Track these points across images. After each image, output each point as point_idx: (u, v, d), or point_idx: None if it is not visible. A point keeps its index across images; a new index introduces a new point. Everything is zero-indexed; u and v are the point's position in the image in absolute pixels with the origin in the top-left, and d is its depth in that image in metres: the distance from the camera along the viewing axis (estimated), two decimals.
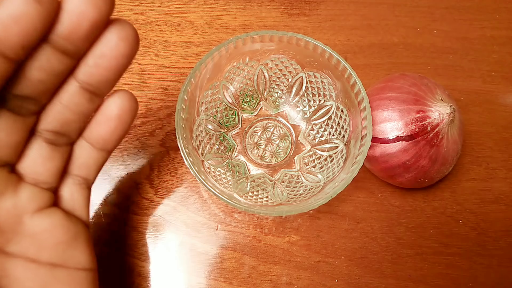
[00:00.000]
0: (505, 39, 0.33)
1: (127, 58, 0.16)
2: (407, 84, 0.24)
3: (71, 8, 0.14)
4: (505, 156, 0.29)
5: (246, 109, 0.28)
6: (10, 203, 0.17)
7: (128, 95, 0.18)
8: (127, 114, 0.18)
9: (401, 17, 0.33)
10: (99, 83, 0.16)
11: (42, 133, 0.17)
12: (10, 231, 0.17)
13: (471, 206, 0.27)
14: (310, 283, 0.25)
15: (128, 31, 0.16)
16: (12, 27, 0.13)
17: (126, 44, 0.16)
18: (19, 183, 0.17)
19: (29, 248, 0.17)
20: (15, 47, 0.14)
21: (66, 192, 0.19)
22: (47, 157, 0.18)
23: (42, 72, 0.15)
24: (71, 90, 0.17)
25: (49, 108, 0.17)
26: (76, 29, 0.14)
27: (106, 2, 0.15)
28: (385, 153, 0.24)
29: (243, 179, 0.26)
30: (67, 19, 0.14)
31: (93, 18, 0.14)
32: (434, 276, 0.25)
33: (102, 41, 0.15)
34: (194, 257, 0.26)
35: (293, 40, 0.24)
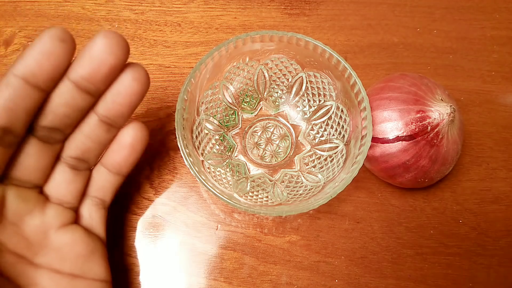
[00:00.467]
0: (505, 39, 0.33)
1: (139, 96, 0.19)
2: (407, 84, 0.24)
3: (93, 55, 0.17)
4: (505, 156, 0.29)
5: (246, 109, 0.28)
6: (38, 220, 0.19)
7: (140, 126, 0.21)
8: (139, 143, 0.21)
9: (401, 17, 0.33)
10: (115, 117, 0.19)
11: (66, 159, 0.20)
12: (38, 244, 0.19)
13: (471, 206, 0.27)
14: (310, 283, 0.25)
15: (141, 73, 0.19)
16: (43, 62, 0.16)
17: (139, 84, 0.18)
18: (46, 203, 0.20)
19: (54, 260, 0.19)
20: (45, 79, 0.17)
21: (85, 211, 0.22)
22: (70, 181, 0.20)
23: (67, 108, 0.18)
24: (91, 123, 0.19)
25: (72, 138, 0.20)
26: (97, 73, 0.17)
27: (123, 51, 0.17)
28: (385, 153, 0.24)
29: (243, 179, 0.26)
30: (89, 64, 0.17)
31: (111, 64, 0.17)
32: (434, 276, 0.25)
33: (118, 81, 0.18)
34: (194, 257, 0.26)
35: (293, 40, 0.24)
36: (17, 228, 0.19)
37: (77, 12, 0.32)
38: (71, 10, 0.32)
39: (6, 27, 0.32)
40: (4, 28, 0.32)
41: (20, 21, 0.32)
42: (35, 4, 0.32)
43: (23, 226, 0.19)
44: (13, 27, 0.32)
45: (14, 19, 0.32)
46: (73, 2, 0.33)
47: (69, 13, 0.32)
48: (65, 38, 0.16)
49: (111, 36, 0.17)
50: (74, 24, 0.32)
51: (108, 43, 0.17)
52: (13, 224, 0.18)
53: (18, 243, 0.19)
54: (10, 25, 0.32)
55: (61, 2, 0.33)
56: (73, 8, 0.32)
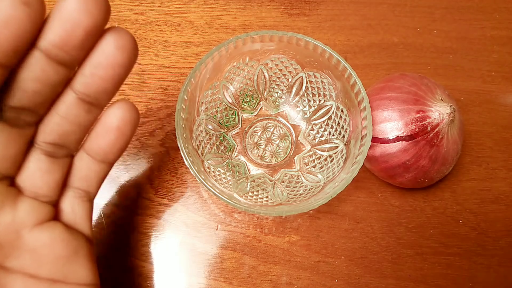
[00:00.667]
0: (505, 39, 0.33)
1: (124, 68, 0.16)
2: (407, 84, 0.24)
3: (64, 16, 0.14)
4: (505, 156, 0.29)
5: (246, 109, 0.28)
6: (8, 218, 0.16)
7: (129, 105, 0.18)
8: (128, 125, 0.18)
9: (401, 17, 0.33)
10: (96, 94, 0.16)
11: (40, 145, 0.17)
12: (9, 246, 0.16)
13: (471, 206, 0.27)
14: (310, 283, 0.25)
15: (126, 39, 0.15)
16: (2, 31, 0.13)
17: (123, 53, 0.15)
18: (18, 196, 0.17)
19: (28, 263, 0.17)
20: (6, 52, 0.13)
21: (66, 205, 0.19)
22: (46, 170, 0.17)
23: (37, 83, 0.15)
24: (68, 101, 0.16)
25: (46, 120, 0.17)
26: (70, 38, 0.14)
27: (101, 10, 0.14)
28: (385, 153, 0.24)
29: (243, 179, 0.26)
30: (60, 27, 0.14)
31: (87, 26, 0.14)
32: (434, 276, 0.25)
33: (98, 50, 0.15)
34: (194, 257, 0.26)
35: (293, 40, 0.24)
36: None
37: None
38: None
39: None
40: None
41: None
42: None
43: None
44: None
45: None
46: None
47: None
48: (29, 0, 0.13)
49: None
50: None
51: (82, 0, 0.14)
52: None
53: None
54: None
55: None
56: None
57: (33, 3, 0.13)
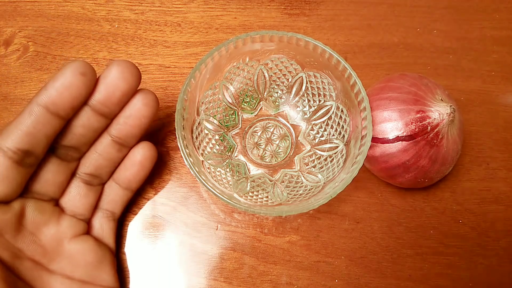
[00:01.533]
0: (505, 39, 0.33)
1: (148, 118, 0.21)
2: (407, 84, 0.24)
3: (108, 81, 0.19)
4: (505, 156, 0.29)
5: (246, 109, 0.28)
6: (54, 230, 0.21)
7: (149, 145, 0.23)
8: (148, 160, 0.23)
9: (401, 17, 0.33)
10: (126, 137, 0.21)
11: (81, 175, 0.22)
12: (53, 252, 0.21)
13: (471, 206, 0.27)
14: (310, 283, 0.25)
15: (150, 98, 0.21)
16: (64, 93, 0.18)
17: (148, 108, 0.21)
18: (61, 214, 0.22)
19: (66, 267, 0.21)
20: (66, 109, 0.19)
21: (96, 222, 0.23)
22: (83, 195, 0.22)
23: (83, 129, 0.20)
24: (105, 142, 0.22)
25: (87, 156, 0.22)
26: (110, 97, 0.19)
27: (135, 78, 0.20)
28: (385, 153, 0.24)
29: (243, 179, 0.26)
30: (104, 89, 0.19)
31: (124, 89, 0.20)
32: (434, 276, 0.26)
33: (130, 105, 0.21)
34: (194, 257, 0.26)
35: (293, 40, 0.24)
36: (35, 237, 0.20)
37: (77, 12, 0.32)
38: (71, 10, 0.32)
39: (6, 27, 0.32)
40: (4, 28, 0.32)
41: (20, 21, 0.32)
42: (35, 4, 0.32)
43: (40, 235, 0.21)
44: (13, 27, 0.32)
45: (14, 19, 0.32)
46: (73, 2, 0.33)
47: (69, 13, 0.32)
48: (85, 72, 0.18)
49: (124, 65, 0.19)
50: (74, 24, 0.32)
51: (121, 71, 0.19)
52: (32, 233, 0.20)
53: (35, 251, 0.20)
54: (10, 25, 0.32)
55: (61, 2, 0.33)
56: (73, 8, 0.32)
57: (88, 73, 0.18)
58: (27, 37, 0.31)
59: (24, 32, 0.31)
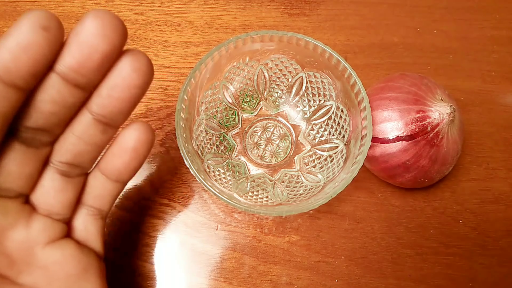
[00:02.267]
0: (505, 39, 0.33)
1: (140, 89, 0.16)
2: (407, 84, 0.24)
3: (81, 40, 0.14)
4: (505, 156, 0.29)
5: (246, 109, 0.28)
6: (22, 235, 0.17)
7: (145, 127, 0.18)
8: (143, 146, 0.18)
9: (401, 17, 0.33)
10: (112, 114, 0.16)
11: (55, 164, 0.17)
12: (22, 262, 0.17)
13: (471, 206, 0.27)
14: (310, 283, 0.25)
15: (142, 61, 0.15)
16: (21, 56, 0.13)
17: (140, 75, 0.15)
18: (31, 214, 0.17)
19: (40, 280, 0.17)
20: (24, 76, 0.14)
21: (79, 222, 0.19)
22: (59, 189, 0.17)
23: (53, 104, 0.15)
24: (84, 122, 0.16)
25: (62, 140, 0.17)
26: (87, 62, 0.14)
27: (118, 34, 0.14)
28: (385, 153, 0.24)
29: (243, 179, 0.26)
30: (77, 51, 0.14)
31: (105, 50, 0.14)
32: (434, 276, 0.25)
33: (114, 72, 0.15)
34: (194, 257, 0.26)
35: (293, 40, 0.24)
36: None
37: (77, 12, 0.32)
38: (71, 10, 0.32)
39: (6, 27, 0.32)
40: (4, 28, 0.32)
41: None
42: (35, 4, 0.32)
43: (4, 241, 0.16)
44: None
45: (14, 19, 0.32)
46: (73, 2, 0.33)
47: (69, 13, 0.32)
48: (48, 25, 0.13)
49: (103, 16, 0.14)
50: (74, 24, 0.32)
51: (100, 25, 0.14)
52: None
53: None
54: (10, 25, 0.32)
55: (61, 2, 0.33)
56: (73, 8, 0.32)
57: (52, 28, 0.13)
58: None
59: None
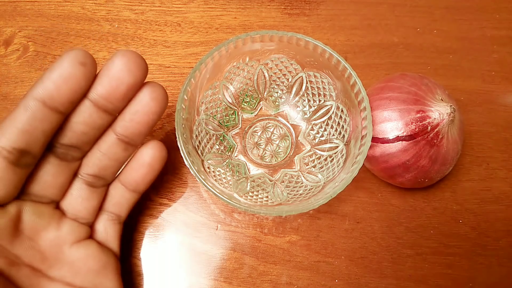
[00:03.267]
0: (505, 39, 0.33)
1: (157, 114, 0.19)
2: (407, 84, 0.24)
3: (111, 74, 0.17)
4: (505, 156, 0.29)
5: (246, 109, 0.28)
6: (53, 235, 0.20)
7: (159, 145, 0.21)
8: (157, 162, 0.21)
9: (401, 17, 0.33)
10: (133, 135, 0.20)
11: (83, 176, 0.20)
12: (52, 258, 0.20)
13: (471, 206, 0.27)
14: (310, 283, 0.25)
15: (159, 92, 0.19)
16: (62, 86, 0.16)
17: (156, 103, 0.19)
18: (61, 218, 0.20)
19: (67, 274, 0.20)
20: (64, 102, 0.17)
21: (100, 226, 0.22)
22: (86, 197, 0.21)
23: (85, 126, 0.18)
24: (109, 141, 0.20)
25: (89, 155, 0.20)
26: (114, 92, 0.17)
27: (141, 70, 0.18)
28: (385, 153, 0.24)
29: (243, 179, 0.26)
30: (107, 83, 0.17)
31: (129, 83, 0.17)
32: (434, 276, 0.25)
33: (136, 100, 0.19)
34: (194, 257, 0.26)
35: (293, 40, 0.24)
36: (33, 242, 0.19)
37: (77, 12, 0.32)
38: (71, 10, 0.32)
39: (6, 27, 0.32)
40: (4, 28, 0.32)
41: (20, 21, 0.32)
42: (35, 4, 0.32)
43: (39, 240, 0.19)
44: (13, 27, 0.32)
45: (14, 19, 0.32)
46: (73, 2, 0.33)
47: (69, 13, 0.32)
48: (85, 61, 0.17)
49: (129, 56, 0.17)
50: (74, 24, 0.32)
51: (126, 62, 0.17)
52: (29, 239, 0.19)
53: (34, 257, 0.19)
54: (10, 25, 0.32)
55: (61, 2, 0.33)
56: (73, 8, 0.32)
57: (88, 64, 0.17)
58: (27, 37, 0.31)
59: (24, 32, 0.31)
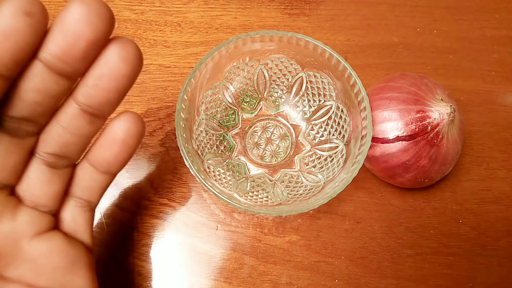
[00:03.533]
0: (505, 39, 0.33)
1: (128, 79, 0.15)
2: (407, 84, 0.24)
3: (66, 27, 0.13)
4: (505, 156, 0.29)
5: (246, 109, 0.28)
6: (8, 228, 0.16)
7: (134, 117, 0.17)
8: (133, 137, 0.17)
9: (401, 17, 0.33)
10: (99, 105, 0.16)
11: (41, 155, 0.17)
12: (8, 255, 0.16)
13: (471, 206, 0.27)
14: (310, 283, 0.25)
15: (130, 50, 0.15)
16: (3, 43, 0.13)
17: (128, 64, 0.15)
18: (17, 206, 0.17)
19: (27, 273, 0.17)
20: (7, 64, 0.13)
21: (67, 214, 0.19)
22: (46, 180, 0.17)
23: (37, 94, 0.15)
24: (70, 112, 0.16)
25: (48, 130, 0.16)
26: (72, 50, 0.14)
27: (105, 21, 0.14)
28: (385, 153, 0.24)
29: (243, 179, 0.26)
30: (62, 39, 0.13)
31: (90, 38, 0.13)
32: (434, 276, 0.25)
33: (101, 60, 0.15)
34: (194, 257, 0.26)
35: (293, 40, 0.24)
36: None
37: None
38: None
39: None
40: None
41: None
42: None
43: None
44: None
45: None
46: None
47: None
48: (31, 11, 0.13)
49: (89, 2, 0.13)
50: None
51: (85, 11, 0.13)
52: None
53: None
54: None
55: (61, 2, 0.33)
56: None
57: (35, 14, 0.13)
58: None
59: None
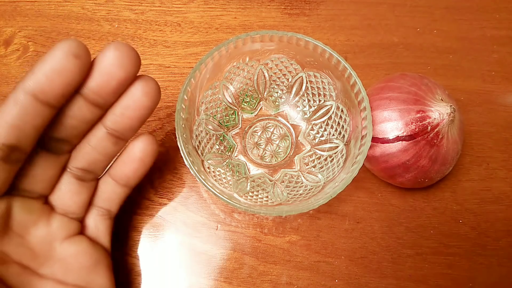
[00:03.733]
0: (505, 39, 0.33)
1: (148, 110, 0.18)
2: (407, 84, 0.24)
3: (102, 68, 0.17)
4: (505, 156, 0.29)
5: (246, 109, 0.28)
6: (44, 231, 0.19)
7: (150, 139, 0.21)
8: (149, 156, 0.21)
9: (401, 17, 0.33)
10: (124, 130, 0.19)
11: (72, 170, 0.20)
12: (43, 255, 0.19)
13: (471, 206, 0.27)
14: (310, 283, 0.25)
15: (151, 86, 0.18)
16: (55, 79, 0.16)
17: (149, 98, 0.18)
18: (51, 213, 0.20)
19: (58, 271, 0.19)
20: (56, 96, 0.16)
21: (91, 221, 0.22)
22: (75, 191, 0.20)
23: (75, 120, 0.18)
24: (99, 135, 0.19)
25: (79, 149, 0.20)
26: (105, 86, 0.17)
27: (133, 64, 0.17)
28: (385, 153, 0.24)
29: (243, 179, 0.26)
30: (98, 77, 0.17)
31: (120, 77, 0.17)
32: (434, 276, 0.25)
33: (128, 94, 0.18)
34: (194, 257, 0.26)
35: (293, 40, 0.24)
36: (23, 239, 0.19)
37: (77, 12, 0.32)
38: (71, 10, 0.32)
39: (6, 27, 0.32)
40: (4, 28, 0.32)
41: (20, 21, 0.32)
42: (35, 4, 0.32)
43: (28, 237, 0.19)
44: (13, 27, 0.32)
45: (14, 19, 0.32)
46: (73, 2, 0.33)
47: (69, 13, 0.32)
48: (79, 54, 0.16)
49: (121, 49, 0.17)
50: (74, 24, 0.32)
51: (118, 56, 0.16)
52: (19, 235, 0.18)
53: (23, 254, 0.19)
54: (10, 25, 0.32)
55: (61, 2, 0.33)
56: (73, 8, 0.32)
57: (82, 56, 0.16)
58: (27, 37, 0.31)
59: (24, 32, 0.31)
